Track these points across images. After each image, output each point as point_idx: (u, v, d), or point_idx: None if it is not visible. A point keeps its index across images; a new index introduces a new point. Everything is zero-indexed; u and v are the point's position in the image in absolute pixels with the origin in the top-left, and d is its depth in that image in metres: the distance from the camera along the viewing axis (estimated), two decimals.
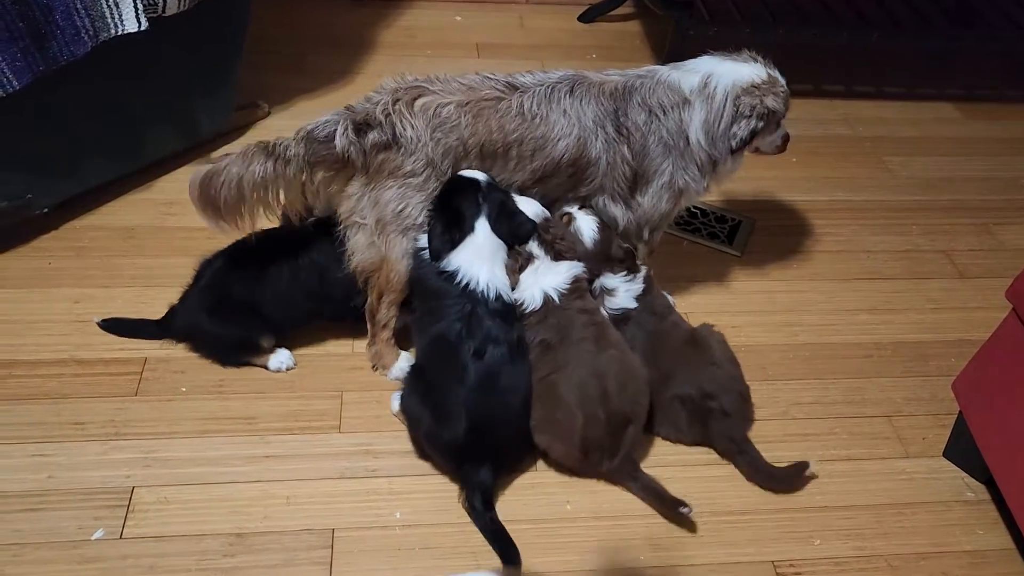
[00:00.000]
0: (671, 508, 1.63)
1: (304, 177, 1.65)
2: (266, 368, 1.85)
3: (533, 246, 1.75)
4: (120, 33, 1.82)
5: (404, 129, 1.62)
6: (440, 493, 1.65)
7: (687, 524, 1.64)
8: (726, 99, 1.77)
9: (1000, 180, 2.66)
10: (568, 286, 1.72)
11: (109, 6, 1.77)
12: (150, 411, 1.74)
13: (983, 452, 1.66)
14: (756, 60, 1.85)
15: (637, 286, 1.80)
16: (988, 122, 2.92)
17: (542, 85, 1.73)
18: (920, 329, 2.13)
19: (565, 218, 1.79)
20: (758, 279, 2.23)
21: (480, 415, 1.58)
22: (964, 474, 1.80)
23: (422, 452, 1.70)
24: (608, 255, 1.78)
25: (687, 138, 1.79)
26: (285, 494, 1.63)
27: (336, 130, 1.62)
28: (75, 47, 1.75)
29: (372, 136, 1.62)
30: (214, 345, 1.85)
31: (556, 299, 1.71)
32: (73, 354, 1.84)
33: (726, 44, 2.83)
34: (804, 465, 1.72)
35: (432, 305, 1.71)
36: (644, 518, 1.65)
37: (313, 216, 1.80)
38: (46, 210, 2.05)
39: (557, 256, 1.75)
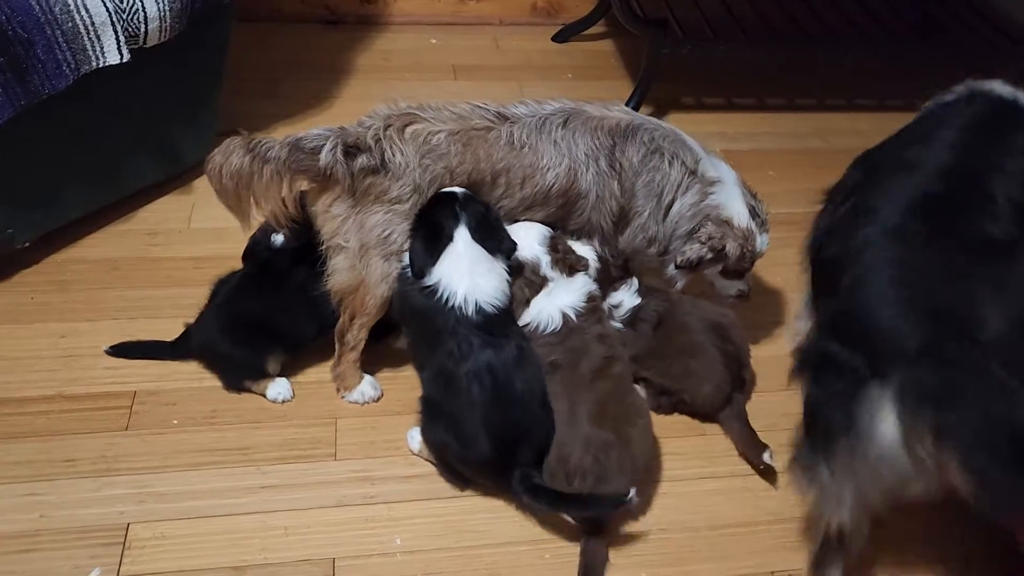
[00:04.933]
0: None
1: (282, 183, 1.64)
2: (264, 396, 1.83)
3: (545, 268, 1.76)
4: (102, 65, 1.81)
5: (393, 155, 1.63)
6: (440, 517, 1.65)
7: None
8: (702, 212, 1.80)
9: None
10: (585, 304, 1.74)
11: (91, 38, 1.76)
12: (142, 445, 1.72)
13: None
14: (757, 212, 1.86)
15: (635, 286, 1.84)
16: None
17: (534, 116, 1.76)
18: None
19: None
20: (753, 289, 2.25)
21: (500, 428, 1.59)
22: None
23: (457, 477, 1.69)
24: (610, 277, 1.80)
25: (671, 203, 1.81)
26: (283, 525, 1.61)
27: (324, 145, 1.63)
28: (56, 80, 1.74)
29: (361, 160, 1.63)
30: (226, 365, 1.83)
31: (574, 318, 1.72)
32: (61, 390, 1.81)
33: (700, 63, 2.92)
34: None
35: (421, 328, 1.71)
36: (646, 535, 1.66)
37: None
38: (27, 244, 2.02)
39: (570, 271, 1.77)
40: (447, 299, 1.64)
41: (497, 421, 1.59)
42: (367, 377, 1.86)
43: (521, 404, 1.62)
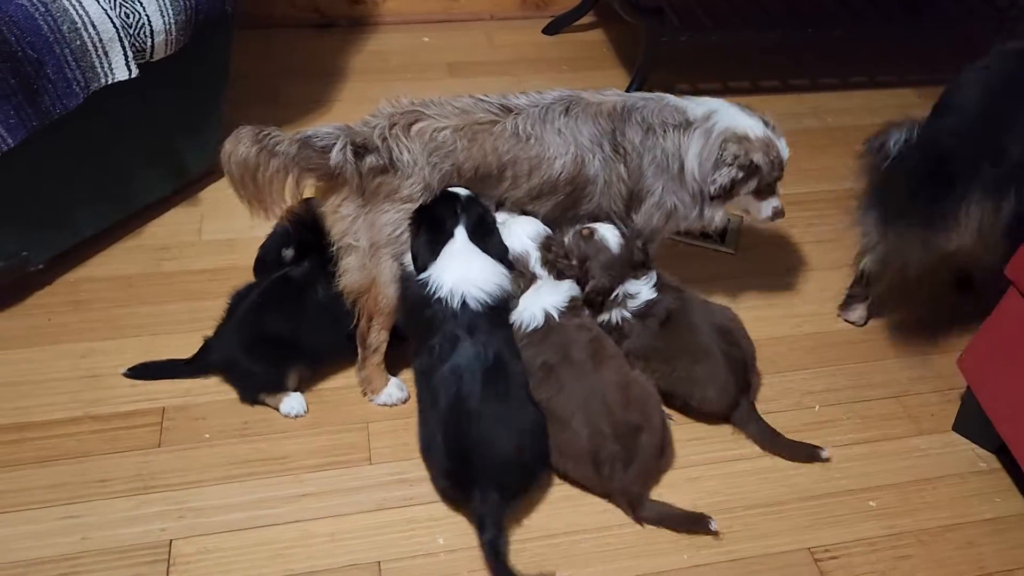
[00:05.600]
0: (694, 524, 1.64)
1: (287, 178, 1.64)
2: (277, 410, 1.83)
3: (534, 264, 1.77)
4: (111, 82, 1.80)
5: (401, 153, 1.64)
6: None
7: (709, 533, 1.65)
8: (718, 139, 1.81)
9: None
10: (567, 304, 1.76)
11: (99, 55, 1.74)
12: (176, 461, 1.72)
13: (995, 424, 1.72)
14: (766, 121, 1.87)
15: (654, 280, 1.84)
16: None
17: (536, 106, 1.77)
18: (913, 310, 2.20)
19: (586, 231, 1.82)
20: (755, 275, 2.28)
21: (455, 438, 1.57)
22: (974, 446, 1.87)
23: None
24: (631, 261, 1.81)
25: (682, 163, 1.82)
26: (327, 531, 1.62)
27: (335, 144, 1.62)
28: (67, 99, 1.73)
29: (369, 160, 1.64)
30: (247, 379, 1.83)
31: (556, 316, 1.74)
32: (88, 410, 1.80)
33: (694, 49, 2.94)
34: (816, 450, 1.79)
35: (417, 322, 1.72)
36: None
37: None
38: (41, 266, 2.01)
39: (559, 275, 1.78)
40: (437, 292, 1.66)
41: (453, 431, 1.58)
42: (393, 379, 1.86)
43: (477, 418, 1.57)
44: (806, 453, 1.80)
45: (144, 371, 1.87)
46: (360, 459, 1.75)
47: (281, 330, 1.79)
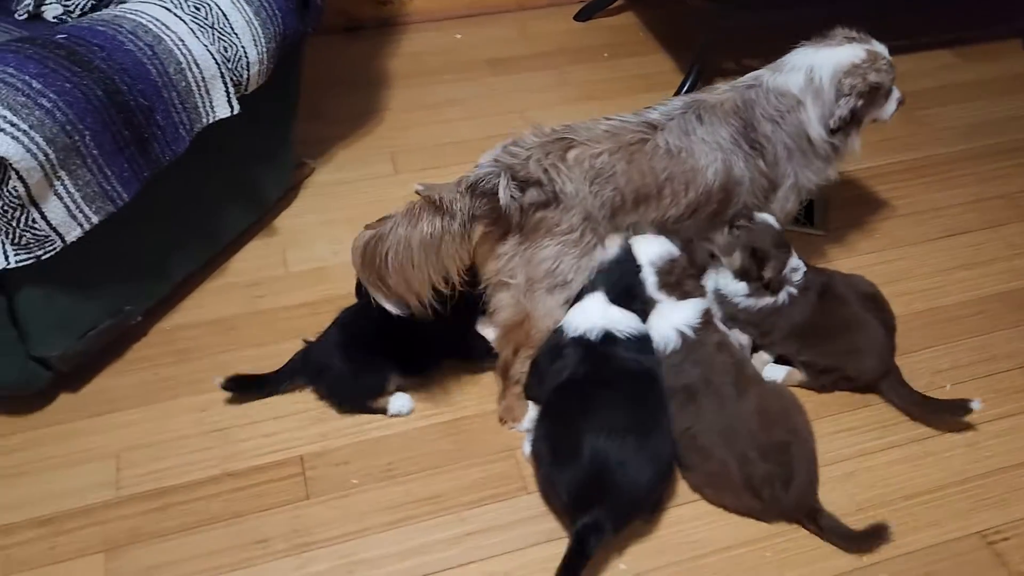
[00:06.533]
0: (862, 544, 1.61)
1: (466, 233, 1.57)
2: (384, 413, 1.79)
3: (651, 289, 1.73)
4: (212, 120, 1.69)
5: (564, 184, 1.56)
6: (653, 534, 1.63)
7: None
8: (831, 88, 1.79)
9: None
10: (700, 320, 1.71)
11: (201, 95, 1.64)
12: (329, 512, 1.65)
13: None
14: (852, 39, 1.85)
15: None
16: (986, 63, 3.05)
17: (671, 118, 1.71)
18: (1014, 276, 2.21)
19: (743, 220, 1.78)
20: (850, 255, 2.27)
21: (592, 461, 1.52)
22: None
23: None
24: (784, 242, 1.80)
25: (808, 137, 1.80)
26: (503, 570, 1.57)
27: (499, 183, 1.55)
28: (176, 144, 1.62)
29: (530, 194, 1.56)
30: (343, 386, 1.79)
31: (692, 333, 1.70)
32: (225, 467, 1.72)
33: (739, 27, 2.88)
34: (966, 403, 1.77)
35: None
36: (847, 518, 1.64)
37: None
38: (139, 319, 1.90)
39: (683, 296, 1.74)
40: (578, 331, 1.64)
41: (597, 447, 1.52)
42: (531, 404, 1.81)
43: (616, 442, 1.52)
44: (956, 408, 1.78)
45: (237, 384, 1.81)
46: (516, 489, 1.70)
47: (380, 334, 1.74)
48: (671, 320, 1.71)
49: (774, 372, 1.89)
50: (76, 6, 1.83)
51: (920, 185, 2.51)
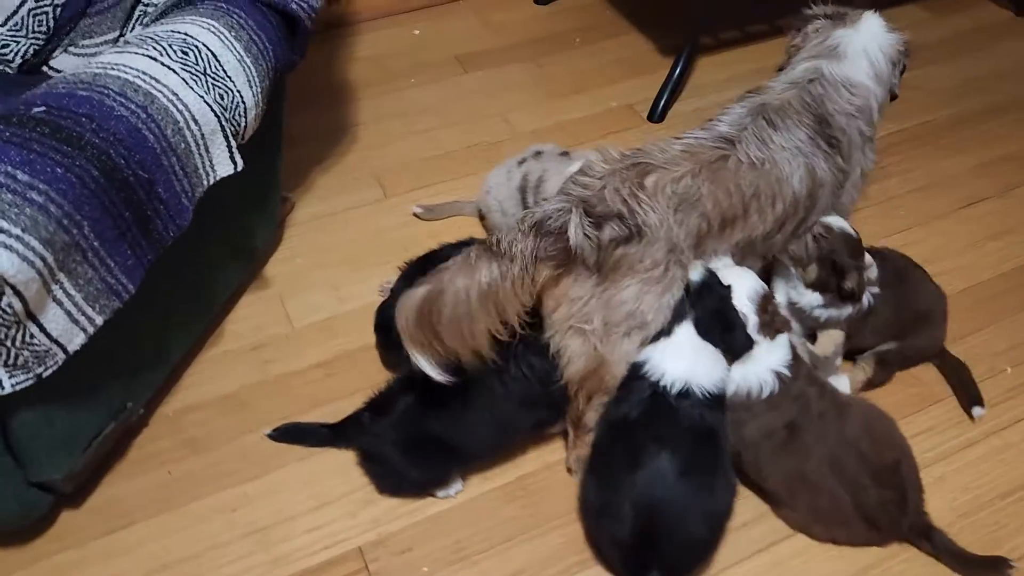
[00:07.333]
0: (979, 572, 1.53)
1: (527, 277, 1.39)
2: (433, 496, 1.62)
3: (752, 330, 1.55)
4: (214, 182, 1.44)
5: (647, 215, 1.39)
6: (777, 564, 1.54)
7: None
8: (887, 62, 1.74)
9: (1010, 71, 2.75)
10: (792, 358, 1.57)
11: (200, 154, 1.39)
12: None
13: None
14: (865, 11, 1.79)
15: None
16: (956, 17, 3.01)
17: (743, 128, 1.56)
18: None
19: (822, 229, 1.67)
20: (875, 238, 2.18)
21: (648, 515, 1.42)
22: None
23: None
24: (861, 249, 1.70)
25: (873, 122, 1.72)
26: None
27: (569, 220, 1.37)
28: (180, 218, 1.37)
29: (608, 229, 1.39)
30: (398, 477, 1.61)
31: (789, 373, 1.55)
32: (274, 572, 1.51)
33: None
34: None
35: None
36: (947, 528, 1.56)
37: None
38: (141, 411, 1.65)
39: (775, 333, 1.57)
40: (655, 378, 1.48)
41: (649, 505, 1.42)
42: None
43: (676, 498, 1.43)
44: (971, 391, 1.79)
45: (288, 434, 1.68)
46: None
47: (441, 429, 1.56)
48: (767, 363, 1.55)
49: (839, 383, 1.78)
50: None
51: (925, 155, 2.44)
